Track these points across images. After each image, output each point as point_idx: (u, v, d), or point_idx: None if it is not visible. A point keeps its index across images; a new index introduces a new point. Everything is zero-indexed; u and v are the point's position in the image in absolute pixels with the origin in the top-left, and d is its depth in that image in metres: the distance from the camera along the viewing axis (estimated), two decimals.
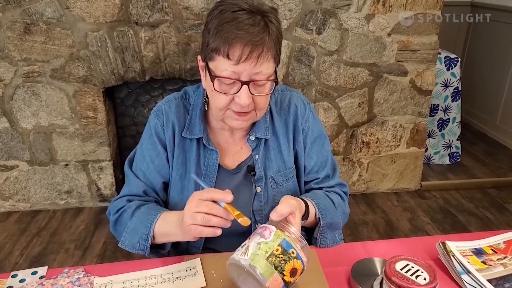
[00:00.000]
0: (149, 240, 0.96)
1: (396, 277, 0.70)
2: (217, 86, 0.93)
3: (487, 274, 0.89)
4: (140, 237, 0.97)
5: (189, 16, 2.22)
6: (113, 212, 1.07)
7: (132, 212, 1.02)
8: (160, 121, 1.07)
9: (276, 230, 0.79)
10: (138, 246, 0.98)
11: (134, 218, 1.01)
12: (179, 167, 1.07)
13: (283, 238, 0.78)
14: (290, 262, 0.76)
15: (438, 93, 2.95)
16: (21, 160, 2.45)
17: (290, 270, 0.76)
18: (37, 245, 2.24)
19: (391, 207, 2.66)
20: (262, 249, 0.77)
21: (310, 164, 1.14)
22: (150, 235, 0.96)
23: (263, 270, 0.74)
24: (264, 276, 0.74)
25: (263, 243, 0.78)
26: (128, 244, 1.00)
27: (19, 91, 2.30)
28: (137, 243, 0.98)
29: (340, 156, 2.67)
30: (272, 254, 0.76)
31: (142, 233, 0.97)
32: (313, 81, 2.46)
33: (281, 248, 0.77)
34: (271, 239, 0.78)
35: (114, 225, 1.07)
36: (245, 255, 0.77)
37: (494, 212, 2.61)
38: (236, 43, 0.87)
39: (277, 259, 0.76)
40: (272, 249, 0.77)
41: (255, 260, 0.75)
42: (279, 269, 0.75)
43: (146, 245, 0.97)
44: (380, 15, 2.37)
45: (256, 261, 0.75)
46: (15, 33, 2.18)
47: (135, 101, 2.53)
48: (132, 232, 1.00)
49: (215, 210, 0.83)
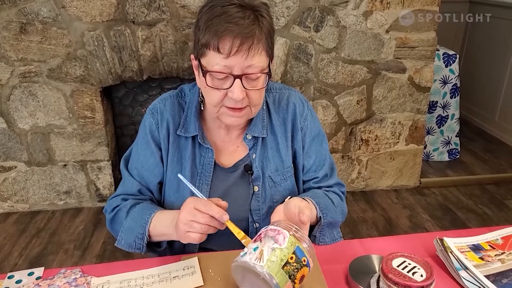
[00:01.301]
0: (145, 239, 0.97)
1: (392, 274, 0.69)
2: (210, 82, 0.93)
3: (484, 270, 0.89)
4: (136, 237, 0.98)
5: (186, 14, 2.22)
6: (109, 210, 1.08)
7: (127, 211, 1.03)
8: (155, 120, 1.07)
9: (289, 236, 0.79)
10: (134, 246, 0.99)
11: (129, 218, 1.01)
12: (174, 165, 1.07)
13: (297, 245, 0.78)
14: (301, 270, 0.77)
15: (437, 89, 2.95)
16: (19, 161, 2.45)
17: (300, 278, 0.77)
18: (36, 246, 2.24)
19: (390, 204, 2.66)
20: (278, 257, 0.76)
21: (309, 163, 1.13)
22: (146, 234, 0.97)
23: (279, 279, 0.74)
24: (279, 286, 0.74)
25: (278, 249, 0.77)
26: (124, 244, 1.01)
27: (16, 92, 2.29)
28: (133, 243, 0.98)
29: (339, 153, 2.67)
30: (287, 262, 0.76)
31: (137, 233, 0.98)
32: (312, 78, 2.46)
33: (295, 257, 0.77)
34: (285, 246, 0.77)
35: (110, 224, 1.08)
36: (261, 261, 0.75)
37: (493, 208, 2.61)
38: (226, 36, 0.87)
39: (291, 267, 0.76)
40: (287, 257, 0.76)
41: (271, 268, 0.75)
42: (292, 278, 0.76)
43: (142, 244, 0.98)
44: (378, 12, 2.36)
45: (273, 269, 0.75)
46: (11, 33, 2.17)
47: (133, 100, 2.52)
48: (128, 232, 1.00)
49: (213, 223, 0.85)
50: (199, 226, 0.84)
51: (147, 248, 0.99)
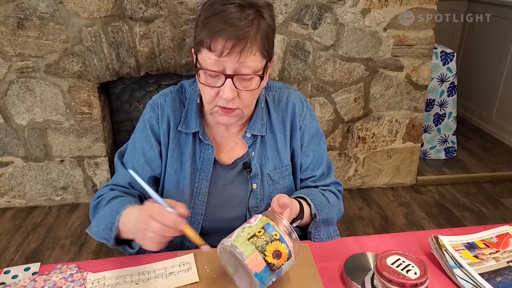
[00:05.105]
0: (114, 230, 0.91)
1: (387, 271, 0.70)
2: (203, 79, 0.93)
3: (479, 268, 0.90)
4: (105, 226, 0.93)
5: (184, 11, 2.21)
6: (94, 198, 1.05)
7: (108, 201, 1.00)
8: (155, 114, 1.07)
9: (261, 217, 0.81)
10: (102, 234, 0.94)
11: (107, 206, 0.98)
12: (174, 161, 1.07)
13: (266, 222, 0.80)
14: (272, 243, 0.77)
15: (434, 88, 2.95)
16: (16, 156, 2.45)
17: (272, 252, 0.76)
18: (33, 242, 2.24)
19: (387, 202, 2.67)
20: (245, 232, 0.79)
21: (307, 162, 1.14)
22: (115, 225, 0.91)
23: (243, 248, 0.76)
24: (244, 255, 0.75)
25: (247, 227, 0.80)
26: (94, 232, 0.97)
27: (13, 87, 2.28)
28: (102, 231, 0.94)
29: (336, 151, 2.67)
30: (254, 235, 0.78)
31: (108, 222, 0.93)
32: (309, 76, 2.46)
33: (263, 230, 0.78)
34: (255, 223, 0.80)
35: (92, 212, 1.05)
36: (229, 238, 0.79)
37: (489, 206, 2.62)
38: (219, 37, 0.87)
39: (258, 239, 0.77)
40: (254, 231, 0.78)
41: (237, 240, 0.78)
42: (260, 249, 0.76)
43: (110, 235, 0.92)
44: (376, 10, 2.36)
45: (237, 241, 0.77)
46: (8, 28, 2.16)
47: (130, 96, 2.52)
48: (100, 220, 0.96)
49: (167, 232, 0.80)
50: (152, 235, 0.80)
51: (118, 244, 0.95)
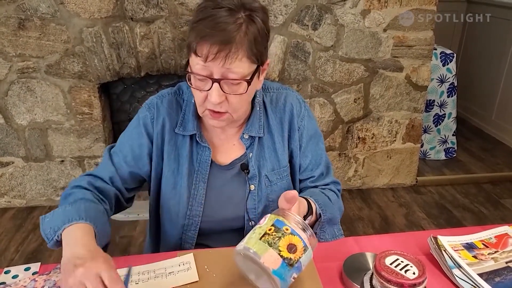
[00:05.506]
0: (57, 236, 0.87)
1: (385, 271, 0.70)
2: (193, 82, 0.93)
3: (478, 268, 0.90)
4: (54, 225, 0.88)
5: (184, 11, 2.21)
6: (70, 186, 1.03)
7: (77, 200, 0.96)
8: (151, 114, 1.07)
9: (271, 215, 0.80)
10: (47, 232, 0.89)
11: (69, 205, 0.93)
12: (172, 162, 1.07)
13: (276, 219, 0.79)
14: (285, 238, 0.76)
15: (434, 88, 2.96)
16: (17, 156, 2.45)
17: (286, 246, 0.75)
18: (33, 242, 2.24)
19: (386, 202, 2.67)
20: (256, 232, 0.78)
21: (305, 162, 1.14)
22: (60, 231, 0.87)
23: (256, 248, 0.74)
24: (257, 254, 0.74)
25: (258, 227, 0.79)
26: (45, 225, 0.91)
27: (13, 87, 2.29)
28: (48, 228, 0.89)
29: (336, 151, 2.68)
30: (265, 234, 0.77)
31: (57, 224, 0.88)
32: (309, 77, 2.46)
33: (274, 227, 0.77)
34: (265, 222, 0.79)
35: (63, 199, 1.02)
36: (241, 242, 0.78)
37: (489, 207, 2.62)
38: (204, 42, 0.86)
39: (270, 237, 0.76)
40: (265, 229, 0.77)
41: (249, 242, 0.76)
42: (274, 246, 0.75)
43: (53, 237, 0.87)
44: (376, 11, 2.37)
45: (249, 243, 0.76)
46: (9, 29, 2.16)
47: (131, 97, 2.52)
48: (55, 216, 0.91)
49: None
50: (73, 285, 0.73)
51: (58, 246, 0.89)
